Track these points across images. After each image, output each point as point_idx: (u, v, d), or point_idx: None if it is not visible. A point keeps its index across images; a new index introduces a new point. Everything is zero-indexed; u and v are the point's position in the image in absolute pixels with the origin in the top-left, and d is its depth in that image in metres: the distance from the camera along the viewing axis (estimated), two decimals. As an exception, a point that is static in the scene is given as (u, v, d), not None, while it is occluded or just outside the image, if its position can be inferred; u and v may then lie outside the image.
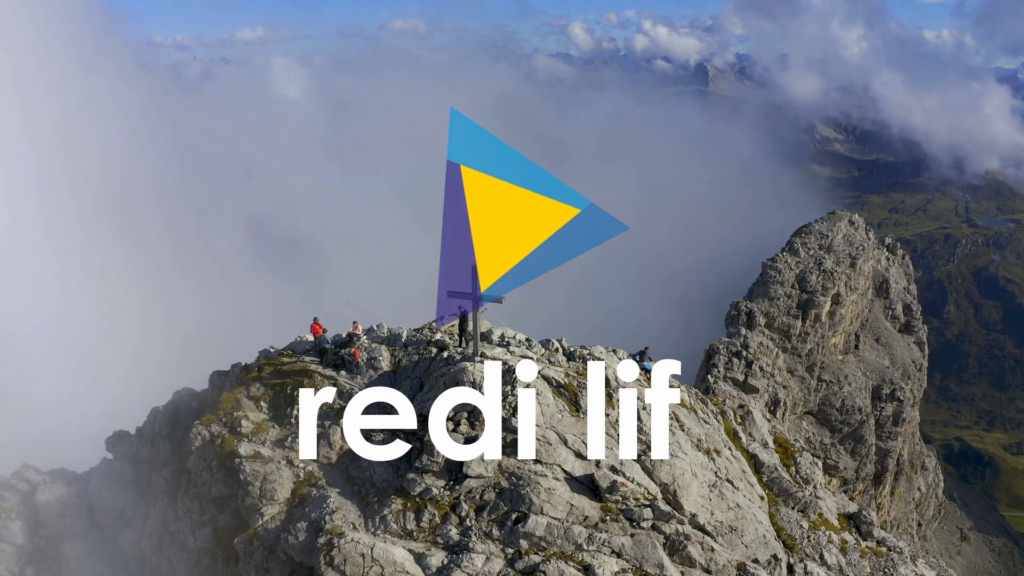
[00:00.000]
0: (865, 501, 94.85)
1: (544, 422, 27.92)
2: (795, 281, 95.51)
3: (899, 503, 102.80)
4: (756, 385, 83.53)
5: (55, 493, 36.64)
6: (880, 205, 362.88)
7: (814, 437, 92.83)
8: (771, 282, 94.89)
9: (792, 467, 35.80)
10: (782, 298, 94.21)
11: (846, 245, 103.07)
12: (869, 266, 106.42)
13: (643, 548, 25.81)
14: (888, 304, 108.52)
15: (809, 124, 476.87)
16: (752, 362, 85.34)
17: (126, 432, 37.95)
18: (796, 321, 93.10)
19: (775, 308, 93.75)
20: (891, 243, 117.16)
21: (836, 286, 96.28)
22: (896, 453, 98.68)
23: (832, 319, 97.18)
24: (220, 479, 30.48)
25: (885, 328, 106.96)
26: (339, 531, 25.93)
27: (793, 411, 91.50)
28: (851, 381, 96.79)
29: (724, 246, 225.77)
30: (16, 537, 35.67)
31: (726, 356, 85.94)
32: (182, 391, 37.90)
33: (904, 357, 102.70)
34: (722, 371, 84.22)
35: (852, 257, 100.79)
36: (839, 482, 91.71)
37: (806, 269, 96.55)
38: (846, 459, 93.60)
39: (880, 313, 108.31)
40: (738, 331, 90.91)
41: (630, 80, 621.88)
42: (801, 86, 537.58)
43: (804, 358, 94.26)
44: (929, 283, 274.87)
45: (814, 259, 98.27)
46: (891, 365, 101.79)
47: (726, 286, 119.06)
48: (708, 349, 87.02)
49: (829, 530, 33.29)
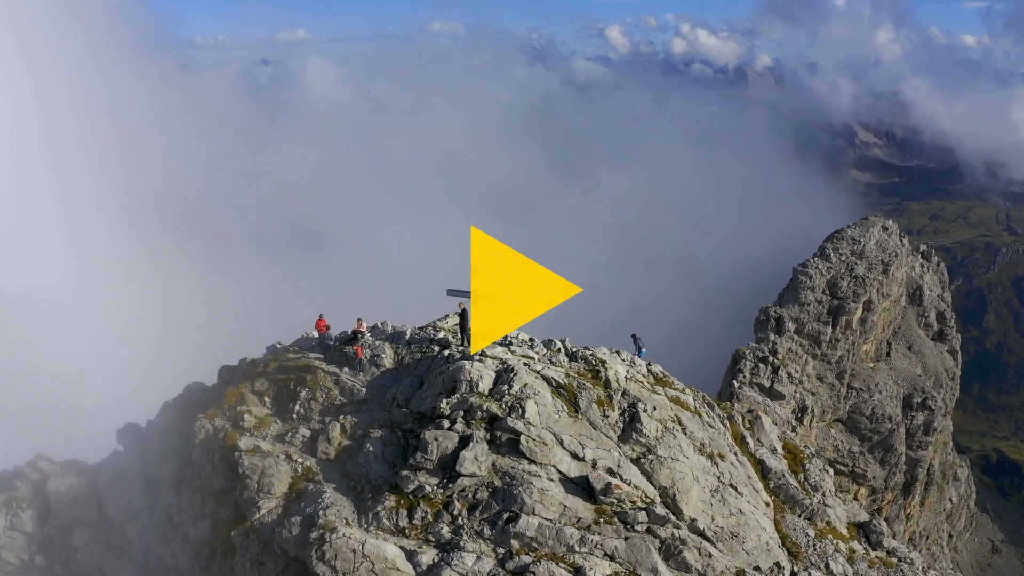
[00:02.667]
0: (894, 511, 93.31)
1: (540, 422, 27.68)
2: (826, 287, 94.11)
3: (929, 513, 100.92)
4: (782, 391, 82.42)
5: (65, 483, 37.13)
6: (920, 212, 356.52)
7: (842, 445, 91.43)
8: (801, 287, 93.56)
9: (800, 474, 35.17)
10: (812, 304, 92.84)
11: (879, 251, 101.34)
12: (902, 273, 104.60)
13: (637, 552, 25.45)
14: (921, 312, 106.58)
15: (848, 129, 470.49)
16: (779, 368, 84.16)
17: (136, 425, 38.38)
18: (826, 327, 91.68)
19: (805, 314, 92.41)
20: (926, 250, 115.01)
21: (868, 292, 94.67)
22: (926, 463, 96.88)
23: (863, 326, 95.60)
24: (221, 472, 30.68)
25: (918, 336, 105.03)
26: (331, 526, 25.92)
27: (822, 418, 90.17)
28: (882, 389, 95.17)
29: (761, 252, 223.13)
30: (27, 526, 36.21)
31: (752, 361, 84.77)
32: (192, 385, 38.22)
33: (936, 366, 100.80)
34: (748, 376, 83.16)
35: (885, 263, 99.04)
36: (868, 491, 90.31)
37: (837, 275, 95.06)
38: (875, 468, 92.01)
39: (913, 320, 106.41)
40: (767, 336, 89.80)
41: (668, 83, 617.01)
42: (835, 91, 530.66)
43: (834, 365, 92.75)
44: (969, 291, 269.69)
45: (846, 265, 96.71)
46: (923, 373, 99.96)
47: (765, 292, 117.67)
48: (734, 354, 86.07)
49: (837, 539, 32.65)
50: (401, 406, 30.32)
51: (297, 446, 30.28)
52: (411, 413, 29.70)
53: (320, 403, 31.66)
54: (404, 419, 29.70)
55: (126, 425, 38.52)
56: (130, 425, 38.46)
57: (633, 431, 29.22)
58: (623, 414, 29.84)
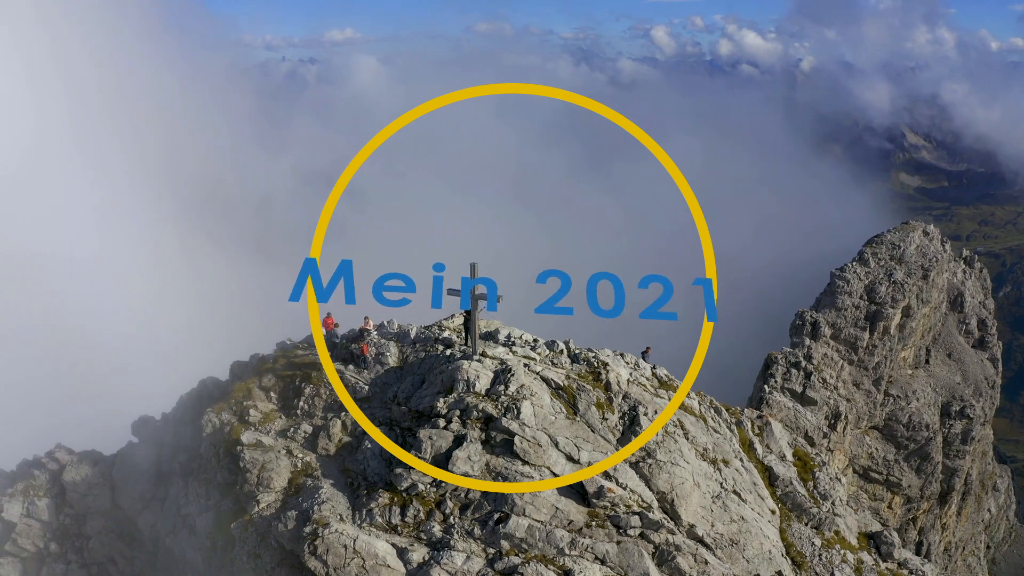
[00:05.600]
0: (929, 520, 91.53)
1: (536, 423, 27.54)
2: (864, 292, 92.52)
3: (966, 524, 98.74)
4: (814, 397, 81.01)
5: (81, 473, 37.85)
6: (970, 217, 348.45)
7: (877, 453, 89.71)
8: (839, 292, 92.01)
9: (810, 481, 34.53)
10: (849, 309, 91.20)
11: (919, 256, 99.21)
12: (943, 279, 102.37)
13: (629, 556, 25.22)
14: (962, 318, 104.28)
15: (896, 131, 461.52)
16: (811, 374, 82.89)
17: (151, 417, 39.01)
18: (863, 333, 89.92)
19: (842, 319, 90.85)
20: (968, 255, 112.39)
21: (907, 298, 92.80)
22: (964, 472, 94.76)
23: (902, 332, 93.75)
24: (225, 465, 31.04)
25: (958, 343, 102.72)
26: (325, 521, 26.10)
27: (857, 425, 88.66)
28: (919, 396, 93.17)
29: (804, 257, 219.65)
30: (43, 514, 36.99)
31: (784, 366, 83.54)
32: (207, 379, 38.68)
33: (977, 374, 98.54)
34: (779, 382, 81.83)
35: (925, 269, 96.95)
36: (902, 500, 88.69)
37: (876, 280, 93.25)
38: (910, 476, 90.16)
39: (953, 327, 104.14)
40: (802, 341, 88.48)
41: (714, 84, 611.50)
42: (881, 93, 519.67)
43: (871, 371, 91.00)
44: (1018, 298, 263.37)
45: (884, 270, 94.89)
46: (962, 381, 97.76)
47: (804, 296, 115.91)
48: (766, 359, 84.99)
49: (845, 549, 32.02)
50: (401, 404, 30.44)
51: (299, 441, 30.55)
52: (409, 411, 29.81)
53: (324, 399, 31.88)
54: (403, 417, 29.82)
55: (141, 417, 39.21)
56: (145, 418, 39.13)
57: (633, 434, 28.95)
58: (623, 417, 29.59)
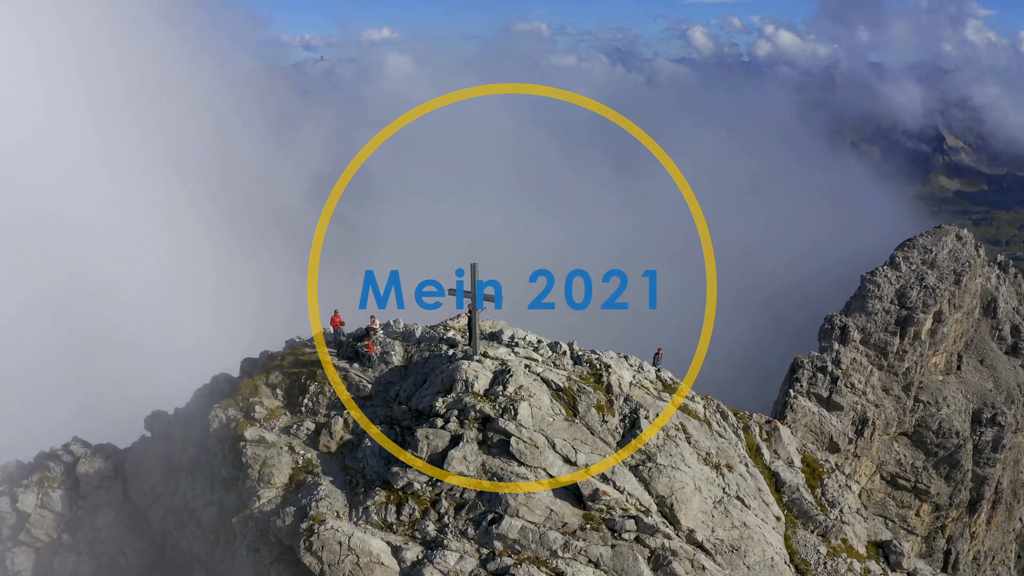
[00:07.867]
0: (958, 529, 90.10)
1: (533, 424, 27.45)
2: (895, 296, 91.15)
3: (996, 533, 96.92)
4: (840, 402, 79.97)
5: (94, 466, 38.38)
6: (1009, 221, 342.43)
7: (906, 459, 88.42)
8: (869, 296, 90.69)
9: (818, 488, 34.06)
10: (880, 313, 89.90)
11: (951, 261, 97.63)
12: (976, 284, 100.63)
13: (623, 560, 25.03)
14: (995, 324, 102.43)
15: (935, 134, 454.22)
16: (837, 378, 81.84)
17: (163, 412, 39.44)
18: (894, 338, 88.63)
19: (872, 324, 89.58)
20: (1003, 260, 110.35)
21: (938, 303, 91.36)
22: (994, 480, 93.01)
23: (933, 337, 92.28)
24: (229, 461, 31.34)
25: (991, 349, 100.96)
26: (321, 518, 26.24)
27: (885, 431, 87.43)
28: (950, 403, 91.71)
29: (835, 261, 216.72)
30: (56, 505, 37.54)
31: (810, 371, 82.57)
32: (219, 376, 39.07)
33: (1009, 381, 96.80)
34: (805, 386, 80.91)
35: (957, 274, 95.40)
36: (931, 507, 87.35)
37: (907, 284, 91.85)
38: (939, 484, 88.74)
39: (986, 333, 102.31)
40: (831, 345, 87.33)
41: (751, 85, 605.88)
42: (917, 96, 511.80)
43: (901, 377, 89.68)
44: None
45: (916, 274, 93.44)
46: (994, 388, 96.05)
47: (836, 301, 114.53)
48: (792, 363, 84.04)
49: (851, 557, 31.53)
50: (402, 403, 30.52)
51: (301, 438, 30.72)
52: (410, 411, 29.87)
53: (328, 397, 32.06)
54: (403, 416, 29.89)
55: (153, 412, 39.70)
56: (157, 412, 39.61)
57: (633, 438, 28.75)
58: (624, 420, 29.40)
